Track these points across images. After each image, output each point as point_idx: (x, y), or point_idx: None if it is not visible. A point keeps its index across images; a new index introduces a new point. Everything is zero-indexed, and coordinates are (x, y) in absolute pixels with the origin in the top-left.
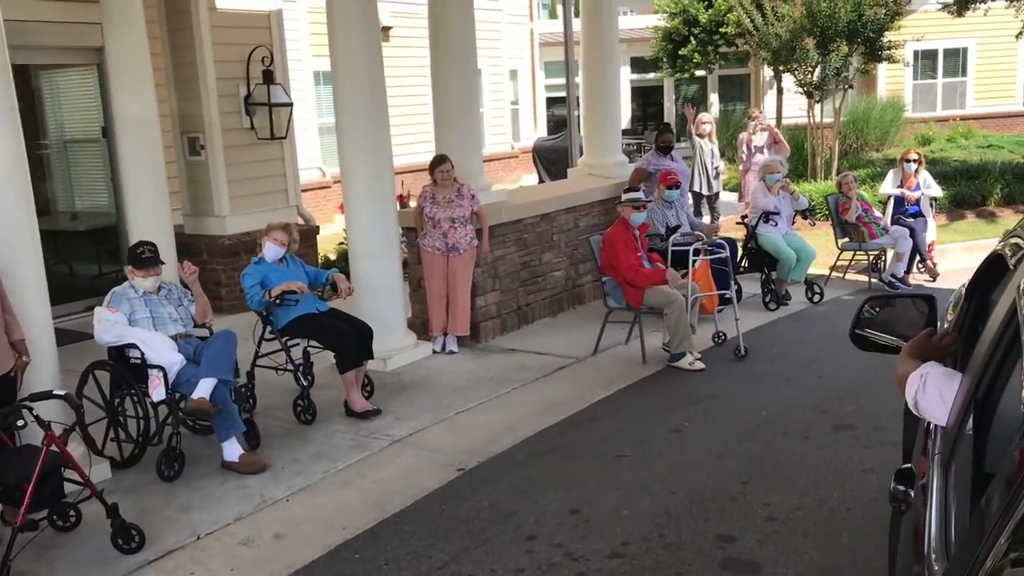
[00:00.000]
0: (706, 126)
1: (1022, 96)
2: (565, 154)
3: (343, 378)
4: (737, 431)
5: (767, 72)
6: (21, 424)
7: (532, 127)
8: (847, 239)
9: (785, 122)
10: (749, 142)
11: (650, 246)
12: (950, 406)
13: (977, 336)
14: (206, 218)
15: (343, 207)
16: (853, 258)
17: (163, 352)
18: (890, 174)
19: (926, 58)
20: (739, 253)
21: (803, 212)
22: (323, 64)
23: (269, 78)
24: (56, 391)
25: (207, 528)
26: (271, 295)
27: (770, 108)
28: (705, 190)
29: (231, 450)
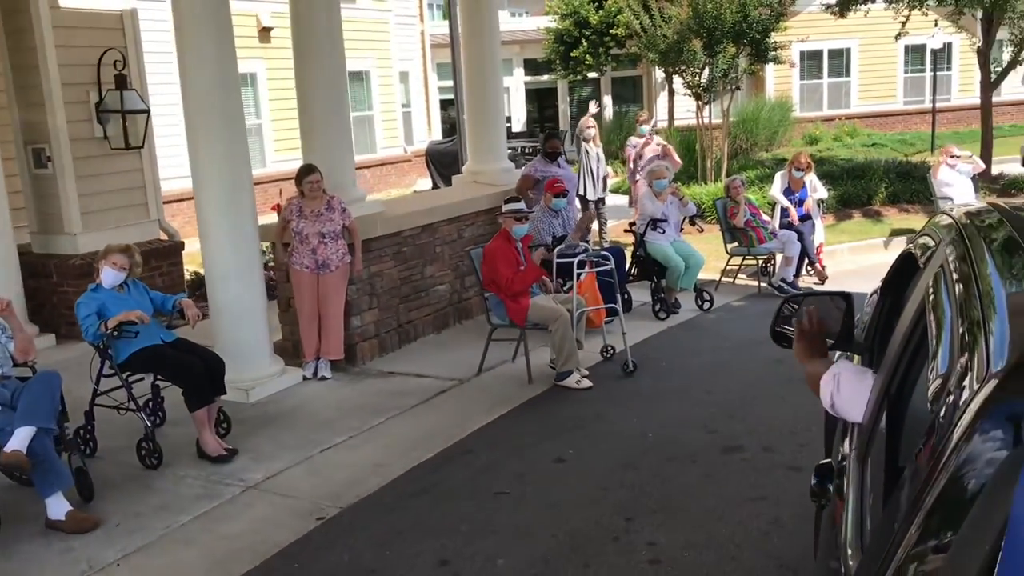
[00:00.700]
0: (590, 130)
1: (902, 95)
2: (458, 158)
3: (193, 417)
4: (623, 457)
5: (659, 74)
6: None
7: (426, 130)
8: (736, 244)
9: (677, 123)
10: (639, 155)
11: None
12: (865, 404)
13: (891, 334)
14: (55, 236)
15: None
16: (743, 263)
17: None
18: (777, 177)
19: (812, 58)
20: (628, 261)
21: (691, 218)
22: None
23: (122, 83)
24: None
25: None
26: (107, 327)
27: (662, 110)
28: (591, 195)
29: (56, 507)
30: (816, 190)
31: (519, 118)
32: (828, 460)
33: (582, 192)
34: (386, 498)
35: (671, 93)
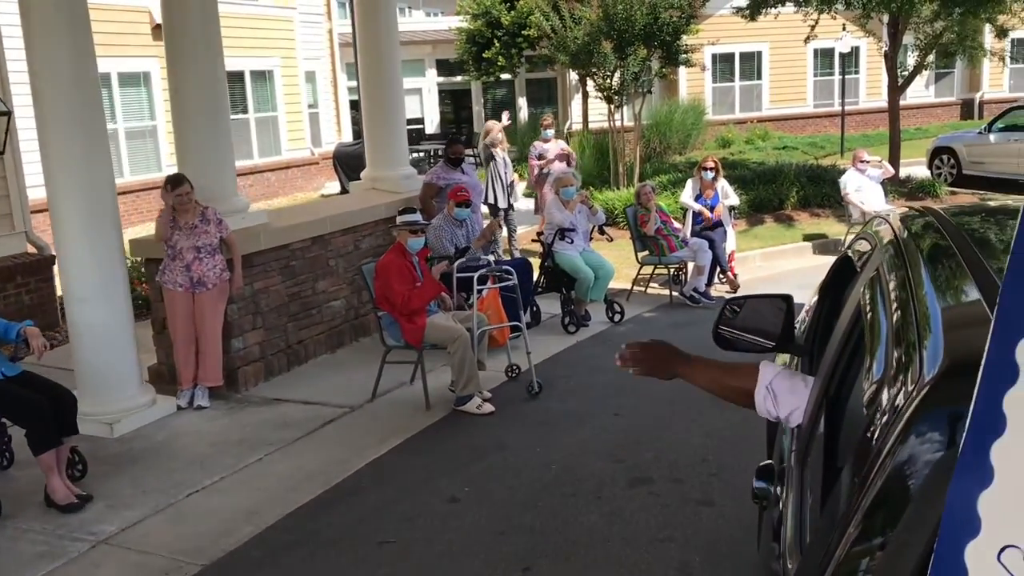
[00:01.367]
0: (497, 135)
1: (812, 99)
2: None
3: (39, 461)
4: (523, 494)
5: (573, 76)
6: None
7: (335, 132)
8: (647, 252)
9: (591, 126)
10: (542, 160)
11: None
12: (804, 406)
13: (829, 336)
14: None
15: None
16: (654, 272)
17: None
18: (688, 184)
19: (724, 61)
20: (536, 272)
21: (601, 227)
22: None
23: None
24: None
25: None
26: None
27: (577, 112)
28: (501, 203)
29: None
30: (728, 196)
31: (433, 120)
32: (769, 461)
33: (492, 200)
34: (255, 551)
35: (585, 96)
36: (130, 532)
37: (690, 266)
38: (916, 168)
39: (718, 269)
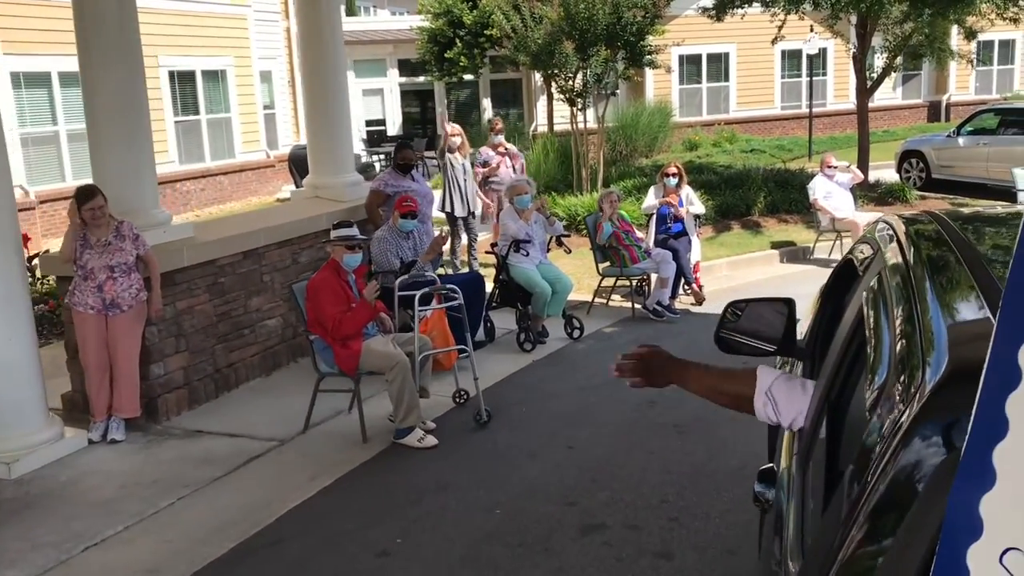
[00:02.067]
0: (455, 139)
1: (780, 101)
2: None
3: None
4: (462, 546)
5: (538, 77)
6: None
7: (292, 133)
8: (608, 263)
9: (557, 128)
10: (487, 167)
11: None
12: (805, 411)
13: (831, 340)
14: None
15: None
16: (615, 283)
17: None
18: (651, 191)
19: (691, 63)
20: (491, 286)
21: (559, 238)
22: (22, 64)
23: None
24: None
25: None
26: None
27: (542, 114)
28: (459, 211)
29: None
30: (693, 203)
31: (395, 121)
32: (771, 465)
33: (448, 209)
34: None
35: (550, 97)
36: None
37: (653, 277)
38: (884, 172)
39: (683, 281)
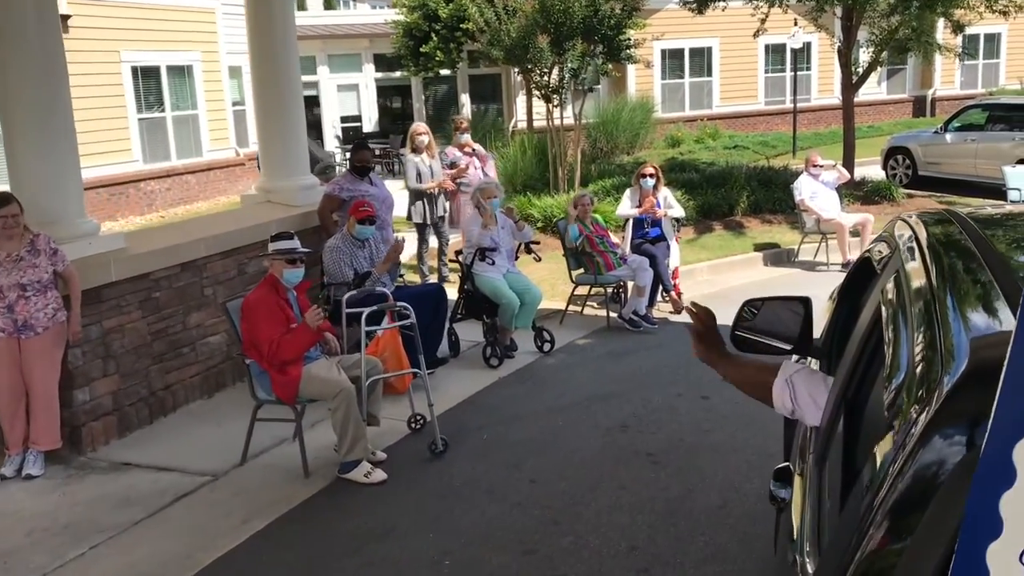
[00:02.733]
0: (422, 138)
1: (763, 96)
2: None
3: None
4: None
5: (517, 72)
6: None
7: None
8: (581, 270)
9: (537, 124)
10: (455, 169)
11: (327, 303)
12: (822, 407)
13: (848, 338)
14: None
15: None
16: (591, 290)
17: None
18: (626, 194)
19: (673, 57)
20: (456, 294)
21: (527, 245)
22: None
23: None
24: None
25: None
26: None
27: (521, 110)
28: (428, 216)
29: None
30: (672, 207)
31: (371, 117)
32: (786, 464)
33: (419, 219)
34: None
35: (529, 93)
36: None
37: (630, 285)
38: (870, 168)
39: (661, 288)
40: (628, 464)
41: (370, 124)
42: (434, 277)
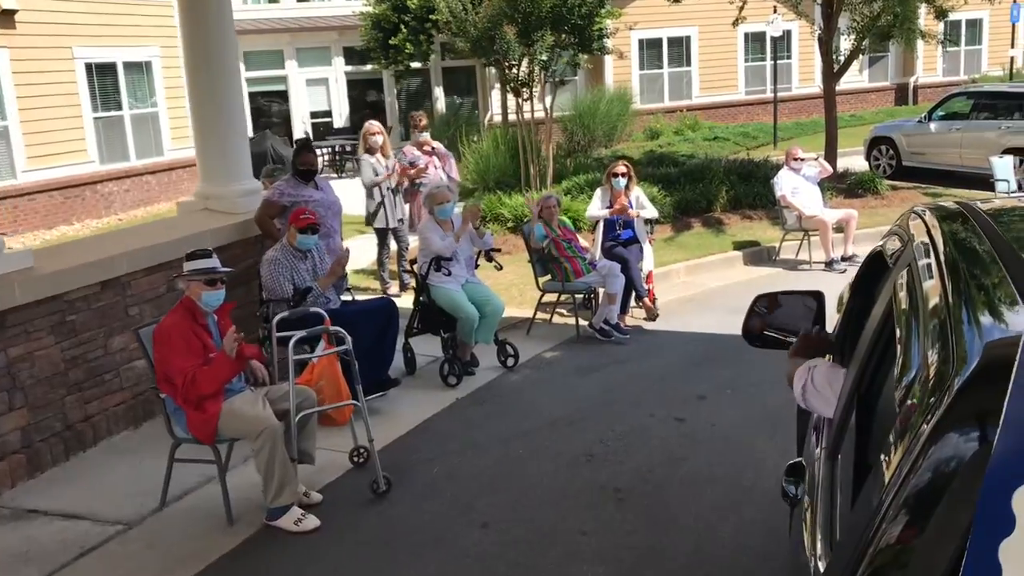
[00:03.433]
0: (376, 138)
1: (744, 85)
2: (263, 159)
3: None
4: None
5: None
6: None
7: None
8: (548, 277)
9: (512, 118)
10: (414, 169)
11: (266, 321)
12: (836, 399)
13: (861, 332)
14: None
15: None
16: (560, 297)
17: None
18: (597, 194)
19: (651, 47)
20: (412, 303)
21: (488, 252)
22: None
23: None
24: None
25: None
26: None
27: (496, 104)
28: (389, 221)
29: None
30: (644, 208)
31: (341, 112)
32: (799, 459)
33: (380, 224)
34: None
35: (503, 86)
36: None
37: (601, 291)
38: (853, 159)
39: (634, 295)
40: (591, 503)
41: (341, 119)
42: (396, 284)
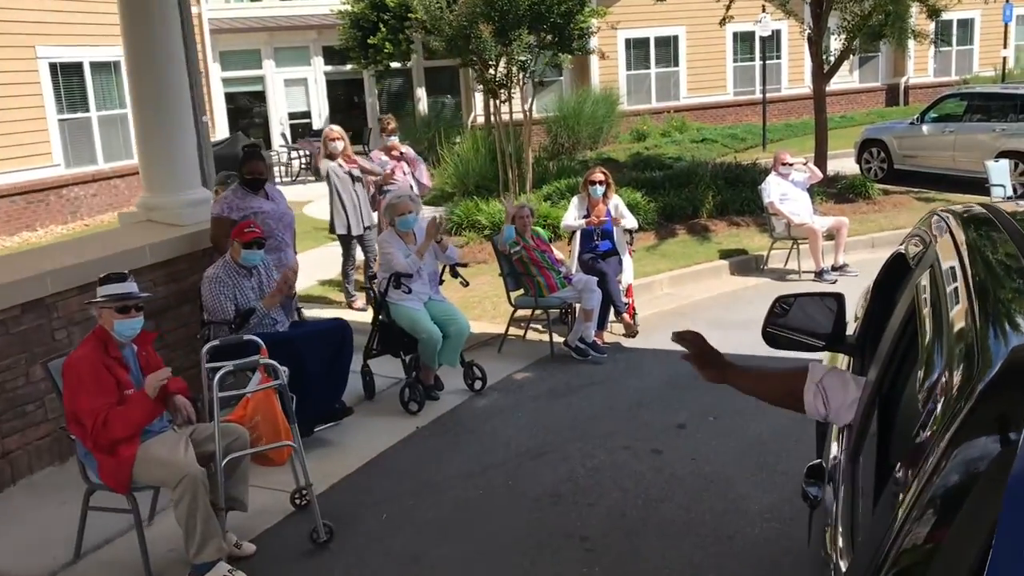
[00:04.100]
0: (336, 143)
1: (732, 86)
2: (235, 162)
3: None
4: None
5: None
6: None
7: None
8: (521, 292)
9: (495, 119)
10: (384, 172)
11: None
12: (854, 407)
13: (882, 333)
14: None
15: None
16: (533, 313)
17: None
18: (573, 202)
19: (638, 47)
20: (371, 322)
21: (453, 268)
22: None
23: None
24: None
25: None
26: None
27: (480, 105)
28: (353, 228)
29: None
30: (624, 217)
31: (321, 113)
32: (819, 461)
33: (341, 230)
34: None
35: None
36: None
37: (577, 307)
38: (843, 161)
39: (612, 310)
40: (556, 554)
41: (320, 120)
42: (362, 297)
